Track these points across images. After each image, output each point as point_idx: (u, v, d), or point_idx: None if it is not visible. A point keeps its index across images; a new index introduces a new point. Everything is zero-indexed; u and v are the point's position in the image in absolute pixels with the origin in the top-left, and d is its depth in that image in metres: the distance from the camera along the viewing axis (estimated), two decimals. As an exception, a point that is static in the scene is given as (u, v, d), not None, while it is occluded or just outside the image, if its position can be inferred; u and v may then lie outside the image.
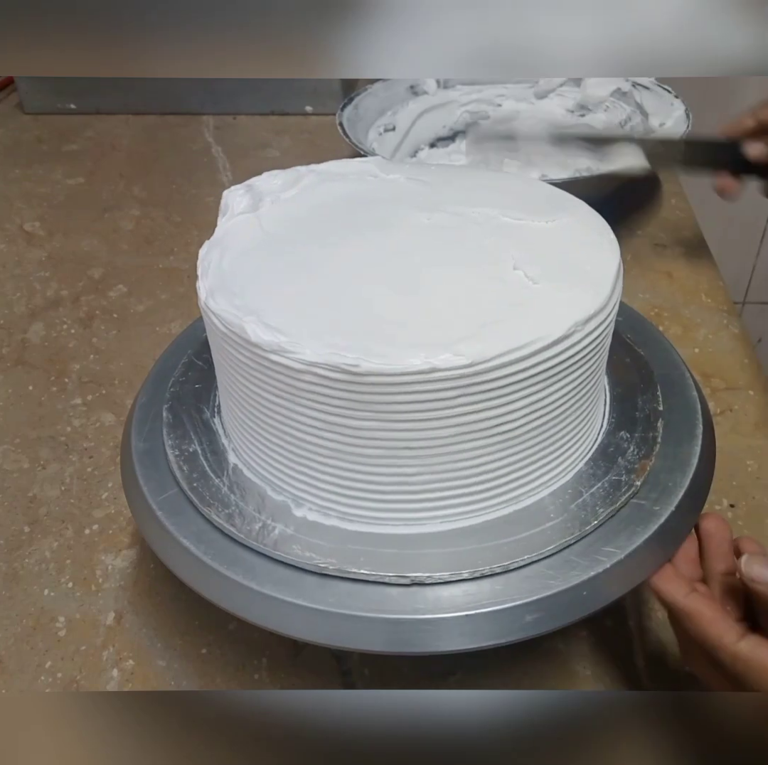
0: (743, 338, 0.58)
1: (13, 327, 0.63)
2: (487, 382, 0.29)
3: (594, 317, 0.31)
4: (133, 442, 0.39)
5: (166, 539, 0.34)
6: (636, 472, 0.35)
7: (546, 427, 0.32)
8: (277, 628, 0.31)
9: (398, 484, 0.32)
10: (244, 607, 0.32)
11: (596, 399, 0.36)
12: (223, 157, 0.85)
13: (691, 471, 0.35)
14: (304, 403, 0.31)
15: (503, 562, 0.31)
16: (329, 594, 0.31)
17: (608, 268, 0.34)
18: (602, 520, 0.33)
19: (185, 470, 0.36)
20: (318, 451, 0.32)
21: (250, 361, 0.31)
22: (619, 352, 0.41)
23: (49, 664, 0.40)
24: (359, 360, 0.29)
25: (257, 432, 0.34)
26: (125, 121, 0.94)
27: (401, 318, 0.31)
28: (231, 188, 0.39)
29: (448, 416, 0.30)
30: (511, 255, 0.34)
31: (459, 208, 0.37)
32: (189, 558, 0.33)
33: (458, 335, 0.30)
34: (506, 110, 0.80)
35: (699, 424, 0.38)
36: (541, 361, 0.30)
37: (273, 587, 0.32)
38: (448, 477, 0.32)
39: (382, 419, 0.30)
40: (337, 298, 0.32)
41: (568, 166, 0.70)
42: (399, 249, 0.35)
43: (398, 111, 0.78)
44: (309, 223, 0.37)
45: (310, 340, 0.30)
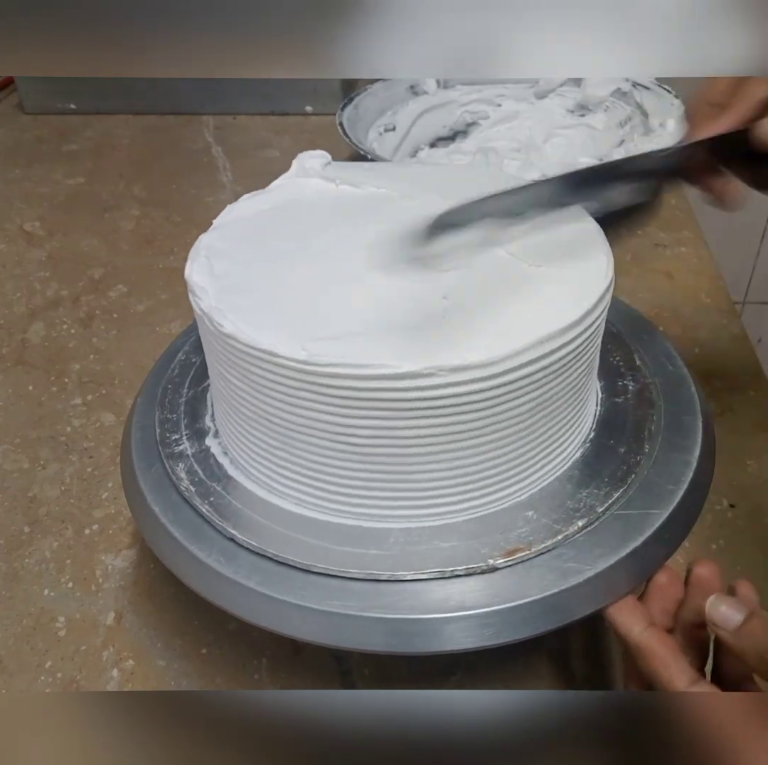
0: (743, 338, 0.58)
1: (13, 327, 0.63)
2: (472, 386, 0.30)
3: (579, 323, 0.31)
4: (133, 442, 0.39)
5: (166, 539, 0.34)
6: (635, 472, 0.35)
7: (529, 431, 0.32)
8: (277, 628, 0.31)
9: (400, 482, 0.32)
10: (244, 607, 0.32)
11: (584, 402, 0.35)
12: (223, 157, 0.85)
13: (691, 471, 0.35)
14: (289, 402, 0.31)
15: (502, 559, 0.32)
16: (329, 594, 0.31)
17: (596, 277, 0.33)
18: (601, 520, 0.33)
19: (184, 470, 0.36)
20: (316, 452, 0.32)
21: (242, 362, 0.32)
22: (619, 353, 0.41)
23: (49, 664, 0.40)
24: (361, 364, 0.29)
25: (250, 433, 0.34)
26: (125, 121, 0.94)
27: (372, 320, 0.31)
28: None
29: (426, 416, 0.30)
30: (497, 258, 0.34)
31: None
32: (189, 558, 0.33)
33: (437, 343, 0.30)
34: (506, 110, 0.80)
35: (699, 424, 0.38)
36: (521, 368, 0.30)
37: (273, 587, 0.32)
38: (445, 475, 0.32)
39: (384, 417, 0.30)
40: (319, 295, 0.33)
41: (569, 166, 0.70)
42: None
43: (398, 111, 0.78)
44: (293, 220, 0.37)
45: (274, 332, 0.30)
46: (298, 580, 0.32)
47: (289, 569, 0.32)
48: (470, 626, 0.30)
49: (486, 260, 0.34)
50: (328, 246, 0.36)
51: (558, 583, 0.31)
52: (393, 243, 0.31)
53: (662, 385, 0.39)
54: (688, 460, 0.36)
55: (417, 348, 0.30)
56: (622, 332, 0.42)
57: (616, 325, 0.42)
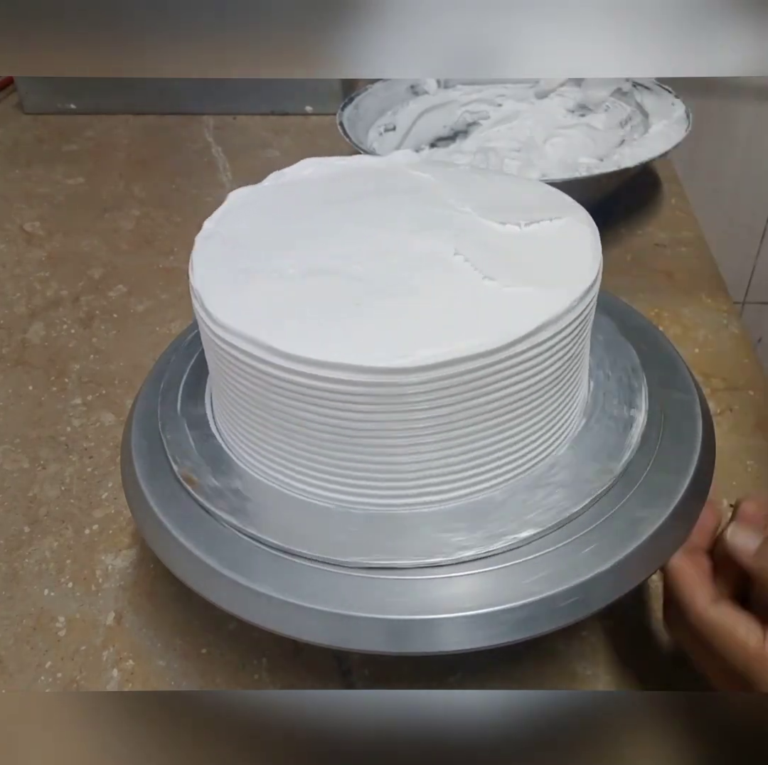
0: (743, 338, 0.58)
1: (13, 327, 0.63)
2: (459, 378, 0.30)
3: (563, 317, 0.31)
4: (133, 441, 0.39)
5: (166, 539, 0.34)
6: (634, 472, 0.35)
7: (511, 423, 0.33)
8: (277, 628, 0.31)
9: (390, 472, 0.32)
10: (244, 607, 0.32)
11: (571, 396, 0.36)
12: (223, 157, 0.85)
13: (691, 471, 0.35)
14: (283, 394, 0.31)
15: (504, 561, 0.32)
16: (329, 593, 0.31)
17: (583, 271, 0.33)
18: (600, 520, 0.33)
19: (185, 470, 0.36)
20: (326, 446, 0.32)
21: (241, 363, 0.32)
22: (619, 351, 0.41)
23: (49, 664, 0.40)
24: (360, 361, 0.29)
25: (251, 427, 0.34)
26: (125, 121, 0.94)
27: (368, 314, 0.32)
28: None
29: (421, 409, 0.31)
30: (483, 255, 0.34)
31: (439, 207, 0.38)
32: (189, 558, 0.33)
33: (425, 335, 0.30)
34: (507, 110, 0.80)
35: (699, 424, 0.38)
36: (506, 359, 0.30)
37: (273, 587, 0.32)
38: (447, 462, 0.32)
39: (391, 410, 0.31)
40: (304, 296, 0.33)
41: (569, 166, 0.70)
42: (380, 245, 0.35)
43: (398, 111, 0.78)
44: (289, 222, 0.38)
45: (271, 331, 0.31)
46: (299, 579, 0.32)
47: (291, 568, 0.32)
48: (470, 626, 0.30)
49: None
50: (329, 231, 0.36)
51: (558, 584, 0.31)
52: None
53: (661, 385, 0.39)
54: (688, 460, 0.36)
55: (413, 338, 0.30)
56: (621, 332, 0.42)
57: (616, 324, 0.42)
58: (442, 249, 0.34)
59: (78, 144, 0.90)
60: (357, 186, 0.40)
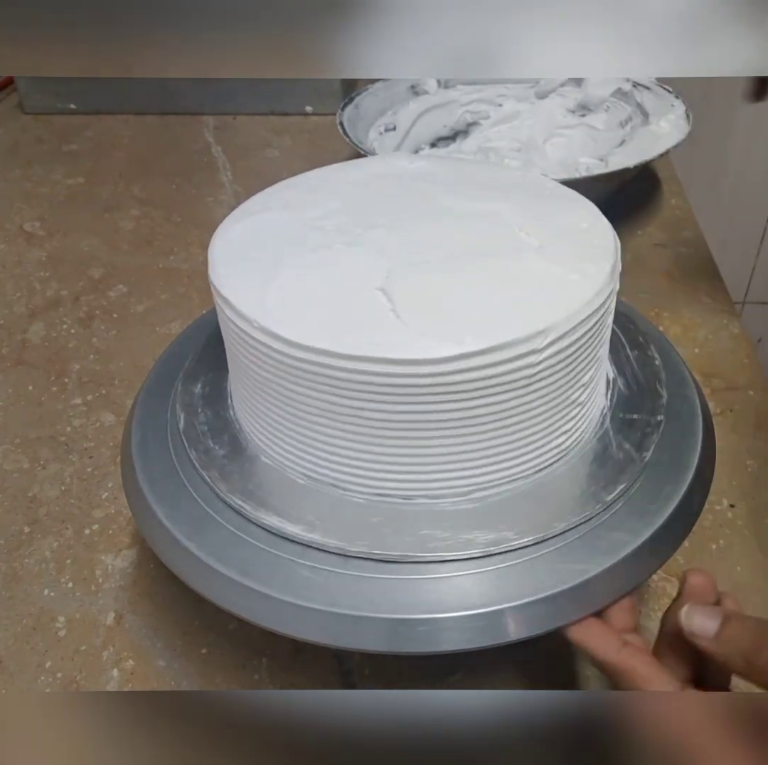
0: (743, 338, 0.58)
1: (13, 327, 0.63)
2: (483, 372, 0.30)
3: (584, 311, 0.32)
4: (133, 442, 0.39)
5: (166, 539, 0.34)
6: (633, 472, 0.35)
7: (535, 421, 0.33)
8: (277, 628, 0.31)
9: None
10: (244, 607, 0.32)
11: (593, 394, 0.36)
12: (223, 157, 0.85)
13: (691, 471, 0.35)
14: (306, 385, 0.31)
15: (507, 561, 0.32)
16: (329, 593, 0.31)
17: (602, 267, 0.34)
18: (600, 520, 0.33)
19: (185, 469, 0.36)
20: (345, 437, 0.32)
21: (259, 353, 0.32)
22: (623, 350, 0.41)
23: (49, 664, 0.40)
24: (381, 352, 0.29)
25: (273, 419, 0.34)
26: (125, 121, 0.94)
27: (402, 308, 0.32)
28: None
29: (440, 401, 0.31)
30: (509, 252, 0.34)
31: (462, 202, 0.38)
32: (189, 558, 0.33)
33: (457, 327, 0.30)
34: (507, 110, 0.80)
35: (699, 424, 0.38)
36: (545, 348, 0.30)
37: (273, 587, 0.32)
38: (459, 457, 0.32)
39: (404, 402, 0.31)
40: (337, 288, 0.33)
41: (569, 166, 0.70)
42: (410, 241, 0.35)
43: (399, 111, 0.78)
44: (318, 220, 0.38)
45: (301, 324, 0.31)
46: (299, 579, 0.32)
47: (290, 568, 0.32)
48: (470, 626, 0.30)
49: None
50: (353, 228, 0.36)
51: (558, 584, 0.31)
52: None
53: (662, 384, 0.39)
54: (688, 460, 0.36)
55: (446, 330, 0.30)
56: (621, 331, 0.42)
57: (615, 324, 0.42)
58: (475, 243, 0.35)
59: (78, 144, 0.90)
60: (381, 184, 0.40)
